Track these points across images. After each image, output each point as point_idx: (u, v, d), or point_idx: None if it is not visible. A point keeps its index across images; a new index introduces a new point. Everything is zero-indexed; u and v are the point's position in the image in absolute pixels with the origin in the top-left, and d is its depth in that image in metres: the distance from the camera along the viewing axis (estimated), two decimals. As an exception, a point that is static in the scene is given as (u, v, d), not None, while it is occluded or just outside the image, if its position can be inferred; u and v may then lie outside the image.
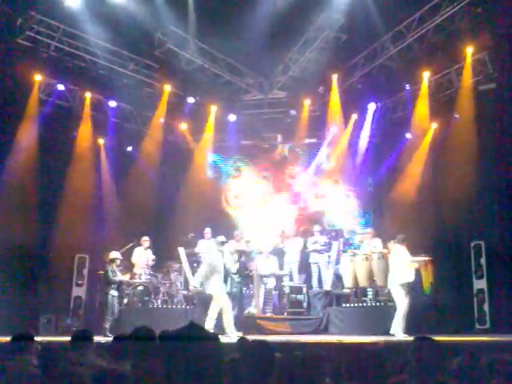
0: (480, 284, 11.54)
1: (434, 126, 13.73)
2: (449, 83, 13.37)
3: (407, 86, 13.98)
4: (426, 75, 13.41)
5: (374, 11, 12.23)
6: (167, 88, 14.69)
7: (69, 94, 13.93)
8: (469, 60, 12.52)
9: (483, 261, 11.57)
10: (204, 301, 12.45)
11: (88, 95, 14.11)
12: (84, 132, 14.25)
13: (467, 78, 12.65)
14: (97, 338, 4.95)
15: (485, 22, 11.67)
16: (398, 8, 12.16)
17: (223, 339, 8.03)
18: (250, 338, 4.92)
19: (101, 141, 14.77)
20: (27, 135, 12.78)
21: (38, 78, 13.06)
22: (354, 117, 14.76)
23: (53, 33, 12.82)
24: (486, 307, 11.27)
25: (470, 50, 12.38)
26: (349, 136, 14.98)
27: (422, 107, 13.67)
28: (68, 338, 4.66)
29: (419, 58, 13.24)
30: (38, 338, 4.82)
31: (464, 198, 12.49)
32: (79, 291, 12.78)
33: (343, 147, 15.17)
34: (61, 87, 13.56)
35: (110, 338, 5.43)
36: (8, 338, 4.81)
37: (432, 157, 13.62)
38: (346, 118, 14.88)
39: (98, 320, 11.57)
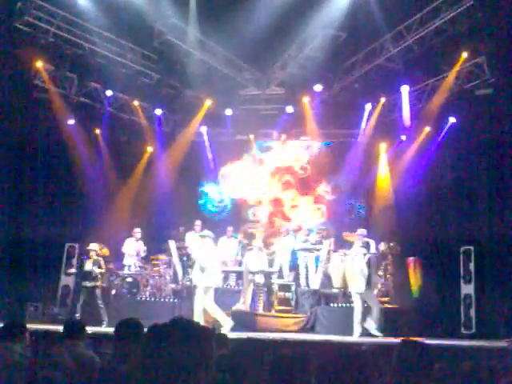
0: (468, 289, 11.58)
1: (428, 129, 13.78)
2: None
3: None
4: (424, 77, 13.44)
5: (374, 11, 12.20)
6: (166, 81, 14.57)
7: (65, 81, 13.83)
8: (458, 64, 12.63)
9: (472, 266, 11.62)
10: (192, 294, 12.45)
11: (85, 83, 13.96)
12: (79, 121, 14.15)
13: (450, 80, 12.89)
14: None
15: (484, 26, 11.71)
16: (399, 9, 12.16)
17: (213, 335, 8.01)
18: (238, 334, 4.93)
19: (97, 131, 14.70)
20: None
21: (38, 64, 12.94)
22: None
23: (52, 19, 12.66)
24: (472, 312, 11.32)
25: (465, 55, 12.47)
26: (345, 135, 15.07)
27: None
28: (55, 327, 4.64)
29: (418, 59, 13.24)
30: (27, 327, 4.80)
31: (454, 202, 12.59)
32: (68, 280, 12.70)
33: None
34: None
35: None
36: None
37: (423, 159, 13.65)
38: (341, 118, 14.88)
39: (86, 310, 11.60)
